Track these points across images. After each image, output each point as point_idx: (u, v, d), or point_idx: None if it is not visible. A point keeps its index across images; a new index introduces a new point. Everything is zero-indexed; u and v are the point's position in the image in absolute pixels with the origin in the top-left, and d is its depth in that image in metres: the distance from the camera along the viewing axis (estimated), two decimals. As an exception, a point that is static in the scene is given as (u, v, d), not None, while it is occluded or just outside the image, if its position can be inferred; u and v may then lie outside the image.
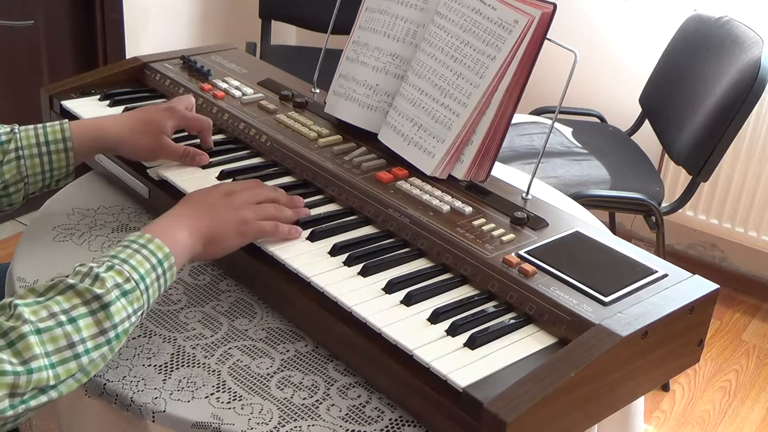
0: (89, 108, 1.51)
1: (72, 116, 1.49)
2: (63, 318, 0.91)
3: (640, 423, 1.26)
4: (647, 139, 2.62)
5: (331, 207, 1.26)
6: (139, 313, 0.98)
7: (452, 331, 1.01)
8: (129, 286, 0.96)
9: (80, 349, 0.91)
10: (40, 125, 1.23)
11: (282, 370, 1.08)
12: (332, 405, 1.03)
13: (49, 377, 0.88)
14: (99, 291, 0.93)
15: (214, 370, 1.07)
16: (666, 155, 2.62)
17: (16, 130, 1.22)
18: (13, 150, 1.20)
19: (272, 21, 3.09)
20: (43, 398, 0.89)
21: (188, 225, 1.07)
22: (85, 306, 0.93)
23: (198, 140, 1.38)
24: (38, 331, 0.89)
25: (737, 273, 2.93)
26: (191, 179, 1.29)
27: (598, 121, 2.75)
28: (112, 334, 0.94)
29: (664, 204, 2.37)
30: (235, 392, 1.04)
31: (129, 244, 1.01)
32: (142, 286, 0.98)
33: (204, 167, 1.32)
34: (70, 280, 0.94)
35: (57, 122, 1.24)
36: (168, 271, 1.02)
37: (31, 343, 0.87)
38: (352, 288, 1.08)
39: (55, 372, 0.89)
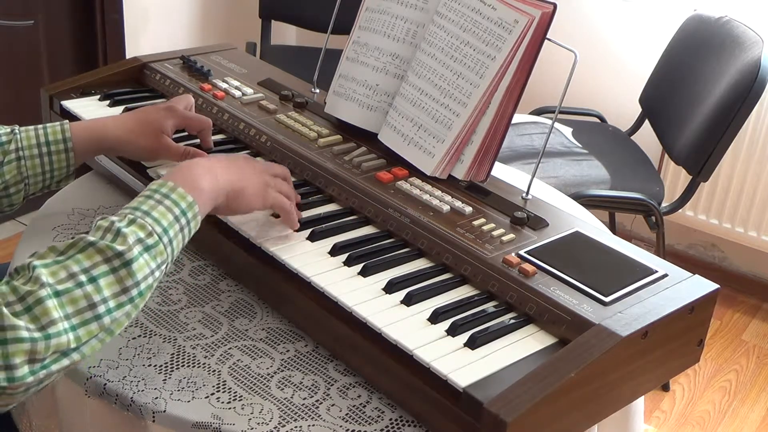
0: (89, 108, 1.51)
1: (72, 116, 1.49)
2: (83, 278, 0.89)
3: (640, 423, 1.26)
4: (647, 139, 2.62)
5: (331, 207, 1.26)
6: (163, 267, 0.97)
7: (452, 331, 1.01)
8: (152, 240, 0.95)
9: (102, 309, 0.90)
10: (40, 126, 1.23)
11: (282, 370, 1.08)
12: (332, 405, 1.03)
13: (69, 340, 0.87)
14: (120, 248, 0.91)
15: (214, 370, 1.07)
16: (666, 155, 2.62)
17: (17, 131, 1.22)
18: (14, 150, 1.20)
19: (272, 21, 3.09)
20: (66, 361, 0.88)
21: (213, 174, 1.06)
22: (107, 263, 0.91)
23: (198, 140, 1.38)
24: (57, 294, 0.87)
25: (737, 273, 2.93)
26: (191, 179, 1.29)
27: (598, 121, 2.75)
28: (134, 291, 0.93)
29: (664, 204, 2.37)
30: (235, 392, 1.04)
31: (151, 194, 0.99)
32: (165, 240, 0.96)
33: (204, 167, 1.32)
34: (91, 237, 0.92)
35: (57, 123, 1.24)
36: (192, 220, 1.00)
37: (49, 307, 0.86)
38: (352, 288, 1.08)
39: (76, 334, 0.88)
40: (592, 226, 1.21)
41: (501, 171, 1.56)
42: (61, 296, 0.88)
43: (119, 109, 1.51)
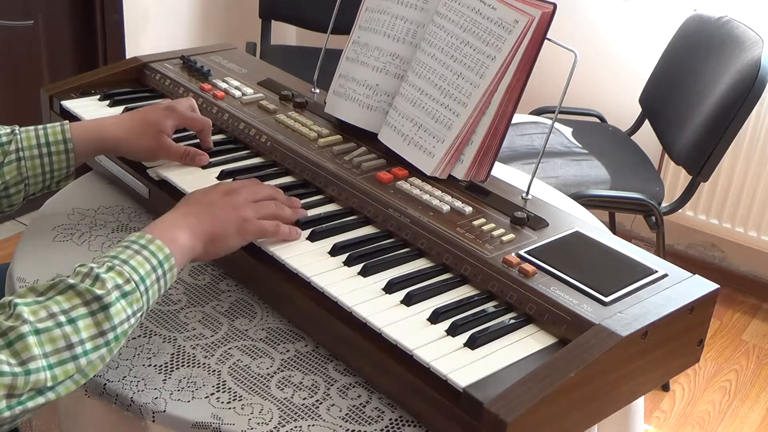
0: (89, 108, 1.51)
1: (72, 116, 1.49)
2: (62, 318, 0.91)
3: (640, 423, 1.26)
4: (647, 139, 2.62)
5: (331, 207, 1.26)
6: (139, 314, 0.98)
7: (452, 331, 1.01)
8: (129, 287, 0.96)
9: (79, 350, 0.91)
10: (40, 126, 1.23)
11: (282, 370, 1.08)
12: (332, 405, 1.03)
13: (47, 378, 0.88)
14: (99, 292, 0.93)
15: (214, 370, 1.07)
16: (666, 155, 2.62)
17: (17, 131, 1.22)
18: (14, 151, 1.20)
19: (272, 21, 3.09)
20: (41, 399, 0.89)
21: (189, 225, 1.07)
22: (85, 306, 0.93)
23: (198, 140, 1.38)
24: (37, 332, 0.88)
25: (737, 273, 2.93)
26: (191, 179, 1.29)
27: (598, 121, 2.75)
28: (111, 335, 0.94)
29: (664, 204, 2.37)
30: (235, 392, 1.04)
31: (130, 244, 1.01)
32: (142, 288, 0.98)
33: (204, 167, 1.32)
34: (71, 280, 0.94)
35: (57, 123, 1.24)
36: (168, 272, 1.02)
37: (30, 343, 0.87)
38: (352, 288, 1.08)
39: (52, 373, 0.89)
40: (592, 226, 1.21)
41: (501, 171, 1.56)
42: (40, 334, 0.89)
43: (119, 109, 1.50)
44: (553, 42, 1.25)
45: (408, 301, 1.06)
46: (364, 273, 1.11)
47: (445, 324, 1.02)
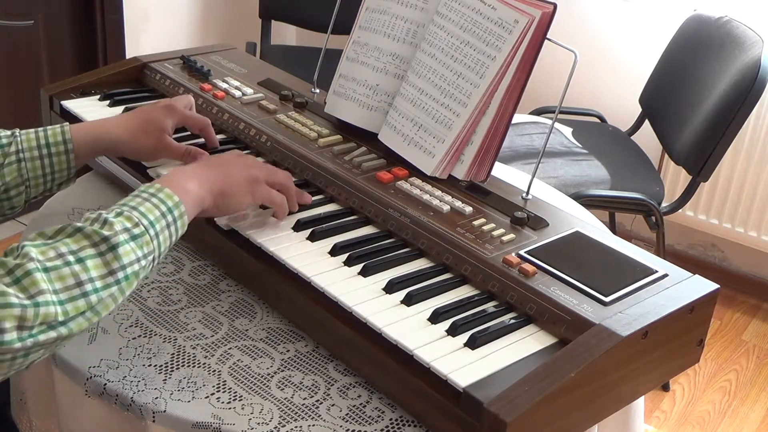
0: (89, 108, 1.51)
1: (72, 116, 1.49)
2: (71, 258, 0.92)
3: (640, 423, 1.26)
4: (647, 139, 2.62)
5: (331, 207, 1.26)
6: (150, 258, 0.99)
7: (452, 331, 1.01)
8: (138, 230, 0.97)
9: (89, 287, 0.92)
10: (41, 128, 1.23)
11: (282, 370, 1.08)
12: (332, 405, 1.03)
13: (57, 313, 0.89)
14: (107, 233, 0.94)
15: (214, 370, 1.07)
16: (666, 155, 2.62)
17: (17, 134, 1.22)
18: (14, 153, 1.20)
19: (272, 21, 3.09)
20: (53, 333, 0.89)
21: (200, 177, 1.09)
22: (93, 248, 0.93)
23: (199, 140, 1.38)
24: (45, 270, 0.90)
25: (737, 273, 2.93)
26: (191, 179, 1.29)
27: (598, 121, 2.75)
28: (121, 275, 0.94)
29: (664, 204, 2.37)
30: (235, 392, 1.04)
31: (139, 193, 1.02)
32: (152, 232, 0.99)
33: (204, 167, 1.32)
34: (79, 224, 0.95)
35: (57, 125, 1.24)
36: (179, 219, 1.03)
37: (37, 279, 0.88)
38: (352, 288, 1.08)
39: (63, 309, 0.89)
40: (592, 226, 1.21)
41: (501, 171, 1.56)
42: (49, 272, 0.90)
43: (119, 109, 1.50)
44: (553, 42, 1.25)
45: (408, 301, 1.06)
46: (364, 273, 1.11)
47: (446, 324, 1.02)
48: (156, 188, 1.03)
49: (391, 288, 1.08)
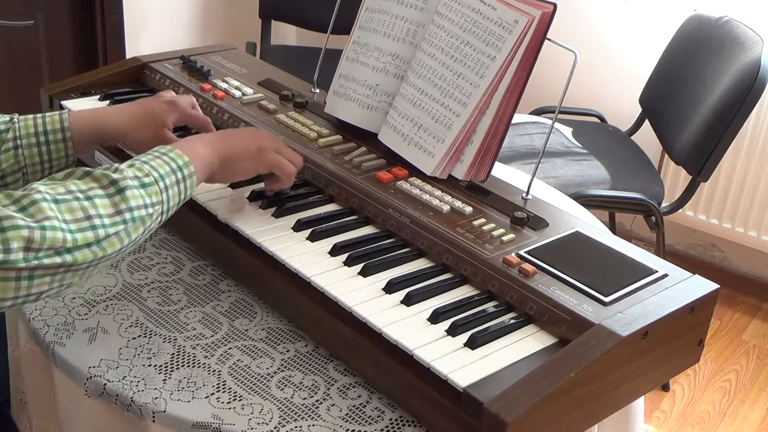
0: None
1: (72, 116, 1.49)
2: (80, 195, 0.95)
3: (640, 423, 1.26)
4: (647, 139, 2.62)
5: (331, 207, 1.26)
6: (158, 208, 1.01)
7: (452, 331, 1.01)
8: (148, 180, 1.00)
9: (97, 222, 0.94)
10: (39, 115, 1.22)
11: (282, 370, 1.08)
12: (332, 405, 1.03)
13: (66, 239, 0.91)
14: (116, 176, 0.98)
15: (214, 370, 1.07)
16: (666, 155, 2.62)
17: (15, 120, 1.21)
18: (11, 139, 1.20)
19: (272, 21, 3.09)
20: (58, 259, 0.91)
21: (209, 141, 1.14)
22: (102, 189, 0.97)
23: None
24: (55, 201, 0.93)
25: (737, 273, 2.93)
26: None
27: (598, 121, 2.75)
28: (128, 215, 0.97)
29: (664, 204, 2.37)
30: (235, 392, 1.04)
31: (150, 152, 1.06)
32: (161, 184, 1.02)
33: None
34: (88, 168, 0.99)
35: (56, 112, 1.23)
36: (188, 178, 1.06)
37: (43, 207, 0.91)
38: (352, 288, 1.08)
39: (73, 237, 0.92)
40: (592, 226, 1.21)
41: (501, 171, 1.56)
42: (59, 203, 0.93)
43: (119, 109, 1.50)
44: (553, 42, 1.25)
45: (408, 301, 1.06)
46: (364, 273, 1.11)
47: (445, 324, 1.02)
48: (167, 148, 1.07)
49: (391, 288, 1.08)
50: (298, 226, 1.19)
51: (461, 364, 0.96)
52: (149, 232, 1.02)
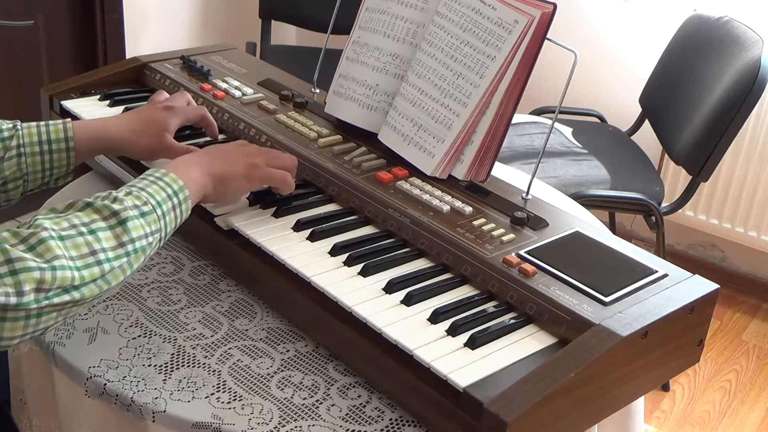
0: (89, 108, 1.51)
1: (72, 116, 1.49)
2: (84, 229, 0.95)
3: (640, 423, 1.26)
4: (647, 139, 2.62)
5: (331, 207, 1.26)
6: (157, 236, 1.02)
7: (452, 331, 1.01)
8: (147, 208, 1.01)
9: (102, 256, 0.95)
10: (42, 123, 1.23)
11: (282, 370, 1.08)
12: (332, 405, 1.03)
13: (74, 277, 0.92)
14: (117, 207, 0.98)
15: (214, 370, 1.07)
16: (666, 155, 2.62)
17: (19, 127, 1.22)
18: (15, 147, 1.20)
19: (272, 21, 3.09)
20: (66, 297, 0.92)
21: (201, 164, 1.13)
22: (104, 221, 0.97)
23: (200, 140, 1.38)
24: (61, 238, 0.93)
25: (737, 273, 2.93)
26: (191, 179, 1.29)
27: (598, 121, 2.75)
28: (130, 247, 0.98)
29: (664, 204, 2.37)
30: (235, 392, 1.04)
31: (145, 176, 1.06)
32: (159, 212, 1.02)
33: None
34: (89, 199, 0.99)
35: (60, 121, 1.24)
36: (183, 203, 1.06)
37: (52, 245, 0.91)
38: (352, 288, 1.08)
39: (80, 274, 0.92)
40: (592, 226, 1.21)
41: (501, 171, 1.56)
42: (64, 240, 0.93)
43: (119, 109, 1.51)
44: (553, 42, 1.25)
45: (408, 301, 1.06)
46: (364, 273, 1.11)
47: (445, 324, 1.02)
48: (162, 173, 1.07)
49: (391, 288, 1.08)
50: (298, 226, 1.19)
51: (461, 364, 0.96)
52: (148, 259, 1.03)
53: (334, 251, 1.15)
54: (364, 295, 1.07)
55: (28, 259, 0.89)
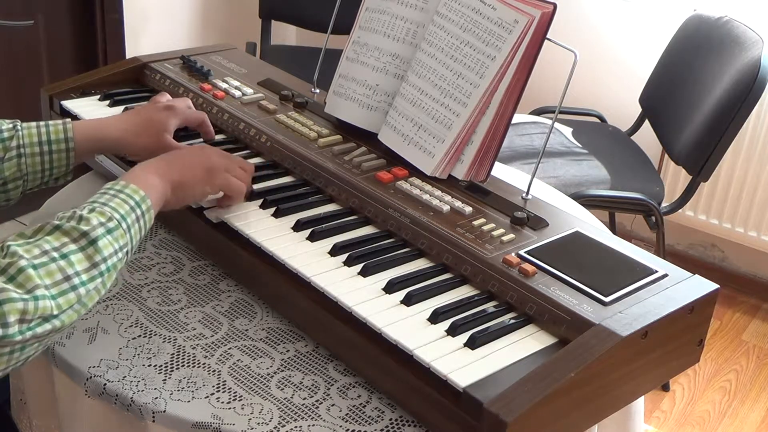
0: (89, 108, 1.51)
1: (72, 116, 1.49)
2: (55, 254, 0.94)
3: (640, 423, 1.26)
4: (647, 139, 2.62)
5: (331, 207, 1.26)
6: (125, 250, 1.01)
7: (452, 331, 1.01)
8: (112, 224, 1.00)
9: (76, 281, 0.94)
10: (42, 123, 1.23)
11: (282, 370, 1.08)
12: (332, 405, 1.03)
13: (52, 307, 0.91)
14: (85, 228, 0.97)
15: (214, 370, 1.07)
16: (666, 155, 2.62)
17: (19, 127, 1.22)
18: (15, 147, 1.20)
19: (272, 21, 3.09)
20: (48, 326, 0.91)
21: (159, 170, 1.12)
22: (74, 243, 0.96)
23: (198, 140, 1.38)
24: (34, 267, 0.92)
25: (737, 273, 2.93)
26: (191, 179, 1.29)
27: (598, 121, 2.75)
28: (103, 266, 0.97)
29: (664, 204, 2.37)
30: (235, 392, 1.04)
31: (106, 191, 1.05)
32: (124, 225, 1.01)
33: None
34: (56, 222, 0.98)
35: (60, 121, 1.24)
36: (146, 213, 1.05)
37: (31, 274, 0.90)
38: (352, 288, 1.08)
39: (57, 302, 0.92)
40: (592, 226, 1.21)
41: (501, 171, 1.56)
42: (38, 269, 0.92)
43: (119, 109, 1.50)
44: (553, 42, 1.25)
45: (408, 301, 1.06)
46: (364, 273, 1.11)
47: (445, 324, 1.02)
48: (122, 185, 1.06)
49: (390, 288, 1.08)
50: (298, 226, 1.19)
51: (461, 364, 0.96)
52: (119, 275, 1.03)
53: (334, 251, 1.15)
54: (364, 295, 1.06)
55: (11, 290, 0.88)
